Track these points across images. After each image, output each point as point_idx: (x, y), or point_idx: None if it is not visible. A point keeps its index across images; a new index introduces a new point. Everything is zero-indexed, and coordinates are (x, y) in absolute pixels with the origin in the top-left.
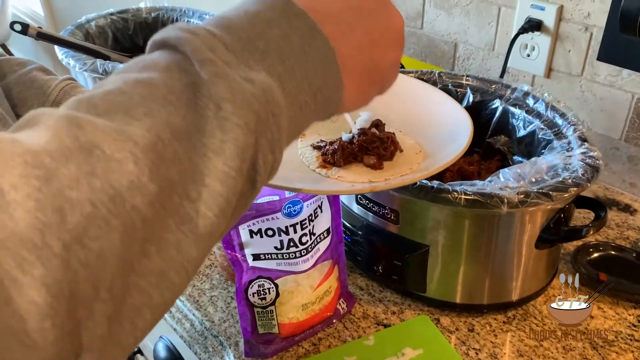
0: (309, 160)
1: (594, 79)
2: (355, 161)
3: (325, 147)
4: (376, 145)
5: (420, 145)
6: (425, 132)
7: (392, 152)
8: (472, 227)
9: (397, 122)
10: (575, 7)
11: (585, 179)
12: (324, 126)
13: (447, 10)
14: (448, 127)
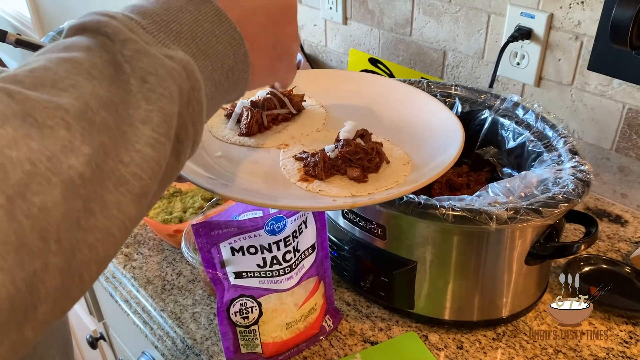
0: (290, 173)
1: (585, 89)
2: (338, 173)
3: (308, 159)
4: (360, 156)
5: (408, 156)
6: (415, 142)
7: (377, 164)
8: (461, 243)
9: (386, 131)
10: (565, 15)
11: (576, 194)
12: (309, 136)
13: (436, 18)
14: (439, 137)
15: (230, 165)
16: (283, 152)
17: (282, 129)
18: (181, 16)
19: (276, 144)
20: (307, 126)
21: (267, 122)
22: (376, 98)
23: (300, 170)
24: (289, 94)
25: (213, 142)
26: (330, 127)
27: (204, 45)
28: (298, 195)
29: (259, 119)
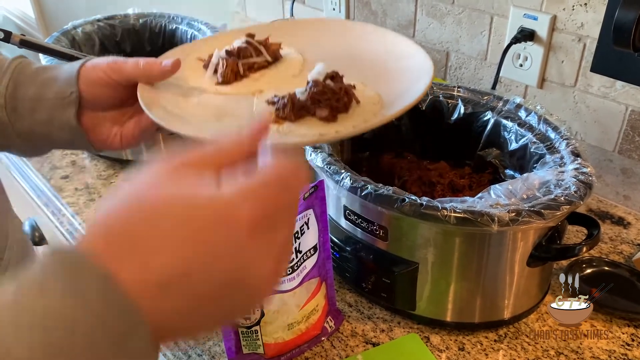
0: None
1: (588, 90)
2: (308, 115)
3: (278, 102)
4: (328, 97)
5: (379, 96)
6: (388, 83)
7: (345, 104)
8: (462, 245)
9: (360, 74)
10: (568, 17)
11: (578, 196)
12: (285, 82)
13: (439, 19)
14: (411, 76)
15: (205, 112)
16: (257, 98)
17: (259, 77)
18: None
19: (251, 91)
20: (284, 73)
21: (243, 70)
22: (353, 43)
23: (272, 114)
24: (265, 42)
25: (191, 92)
26: (306, 73)
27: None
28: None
29: (234, 68)
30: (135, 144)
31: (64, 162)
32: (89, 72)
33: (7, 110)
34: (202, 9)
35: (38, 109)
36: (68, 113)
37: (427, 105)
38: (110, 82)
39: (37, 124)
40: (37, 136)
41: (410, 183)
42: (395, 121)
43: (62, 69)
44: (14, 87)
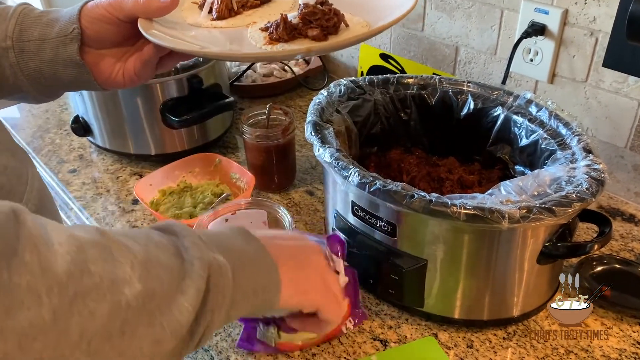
0: (256, 41)
1: (599, 86)
2: (300, 36)
3: (271, 26)
4: (318, 17)
5: (367, 22)
6: (374, 13)
7: (335, 24)
8: (472, 242)
9: (348, 8)
10: (580, 11)
11: (589, 193)
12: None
13: (448, 13)
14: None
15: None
16: (251, 27)
17: (251, 13)
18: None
19: (245, 23)
20: (275, 10)
21: (236, 7)
22: None
23: (265, 38)
24: None
25: (188, 27)
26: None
27: (244, 263)
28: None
29: (228, 4)
30: (137, 80)
31: (72, 156)
32: (91, 10)
33: (15, 52)
34: None
35: (43, 48)
36: (70, 49)
37: (436, 100)
38: (111, 18)
39: (44, 63)
40: (44, 75)
41: (419, 179)
42: (404, 116)
43: (64, 11)
44: (20, 31)
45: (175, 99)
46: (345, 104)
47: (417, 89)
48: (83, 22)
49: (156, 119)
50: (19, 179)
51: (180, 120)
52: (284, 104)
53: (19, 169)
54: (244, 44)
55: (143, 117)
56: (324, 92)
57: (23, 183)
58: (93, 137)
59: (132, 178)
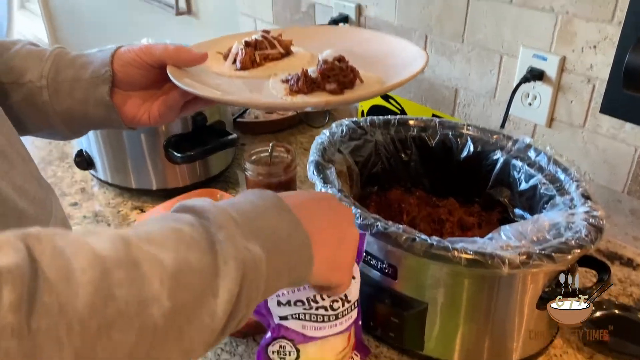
0: (277, 91)
1: (597, 131)
2: (319, 89)
3: (292, 79)
4: (336, 72)
5: (381, 78)
6: (387, 71)
7: (351, 80)
8: (472, 286)
9: (362, 64)
10: (577, 58)
11: (589, 240)
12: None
13: (448, 57)
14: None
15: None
16: (272, 79)
17: (272, 65)
18: (265, 216)
19: (267, 75)
20: (295, 63)
21: (259, 59)
22: (356, 43)
23: (286, 89)
24: (279, 38)
25: (213, 76)
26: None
27: (278, 244)
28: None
29: (252, 56)
30: (161, 121)
31: (74, 189)
32: (122, 54)
33: (49, 91)
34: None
35: (76, 89)
36: (102, 90)
37: (437, 142)
38: (141, 63)
39: (75, 102)
40: (75, 114)
41: (420, 219)
42: (405, 157)
43: (97, 54)
44: (55, 71)
45: (178, 135)
46: (347, 144)
47: (417, 131)
48: (115, 66)
49: (159, 154)
50: (44, 208)
51: (184, 157)
52: (285, 140)
53: (45, 198)
54: (265, 93)
55: (146, 153)
56: (326, 132)
57: (48, 212)
58: (95, 170)
59: (133, 212)
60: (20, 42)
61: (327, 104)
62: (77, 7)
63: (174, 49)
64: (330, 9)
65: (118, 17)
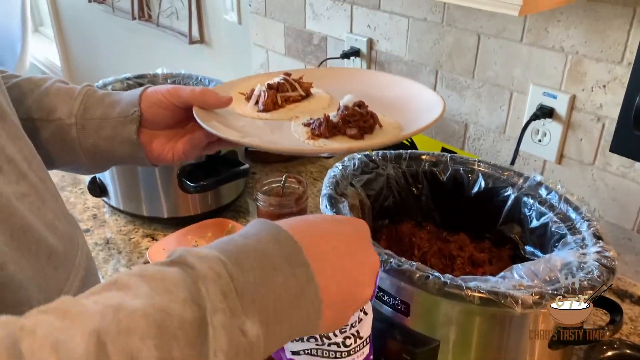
0: (299, 134)
1: (606, 169)
2: (339, 134)
3: (313, 123)
4: (357, 118)
5: (398, 122)
6: (405, 116)
7: (371, 125)
8: (484, 325)
9: (381, 108)
10: (587, 97)
11: (601, 281)
12: (317, 112)
13: (458, 92)
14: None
15: (251, 129)
16: (294, 121)
17: (293, 107)
18: (274, 279)
19: (288, 117)
20: (315, 106)
21: (281, 101)
22: (373, 86)
23: (307, 132)
24: (299, 80)
25: (237, 117)
26: (334, 107)
27: (282, 314)
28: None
29: (274, 99)
30: (184, 159)
31: (85, 216)
32: (151, 95)
33: (77, 128)
34: (229, 70)
35: (103, 127)
36: (129, 129)
37: (448, 177)
38: (167, 104)
39: (102, 139)
40: (100, 150)
41: (431, 255)
42: (416, 191)
43: (125, 94)
44: (84, 109)
45: (192, 165)
46: (359, 178)
47: (428, 165)
48: (143, 106)
49: (172, 183)
50: (72, 244)
51: (197, 186)
52: (295, 170)
53: (72, 234)
54: (288, 136)
55: (159, 181)
56: (338, 165)
57: (75, 248)
58: (108, 197)
59: (144, 240)
60: (50, 79)
61: (350, 150)
62: (91, 32)
63: (201, 92)
64: (342, 42)
65: (131, 43)
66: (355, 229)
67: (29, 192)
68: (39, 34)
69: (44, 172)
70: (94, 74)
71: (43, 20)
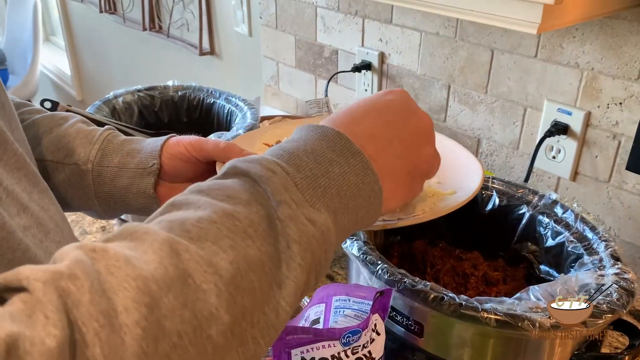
0: None
1: (622, 187)
2: None
3: None
4: None
5: (432, 190)
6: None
7: None
8: (499, 347)
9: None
10: (603, 114)
11: (620, 304)
12: None
13: (471, 107)
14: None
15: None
16: None
17: None
18: (331, 170)
19: None
20: None
21: None
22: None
23: None
24: None
25: None
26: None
27: (346, 200)
28: None
29: None
30: None
31: (94, 228)
32: (172, 147)
33: (93, 175)
34: (239, 84)
35: (120, 176)
36: (146, 182)
37: None
38: (190, 157)
39: (117, 189)
40: (114, 199)
41: (444, 273)
42: None
43: (146, 142)
44: (101, 156)
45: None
46: None
47: None
48: (163, 158)
49: None
50: None
51: None
52: None
53: None
54: None
55: None
56: None
57: None
58: None
59: None
60: (70, 118)
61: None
62: (102, 42)
63: (225, 148)
64: (353, 55)
65: (141, 53)
66: (396, 97)
67: (31, 224)
68: (50, 44)
69: (46, 200)
70: (104, 83)
71: (54, 29)
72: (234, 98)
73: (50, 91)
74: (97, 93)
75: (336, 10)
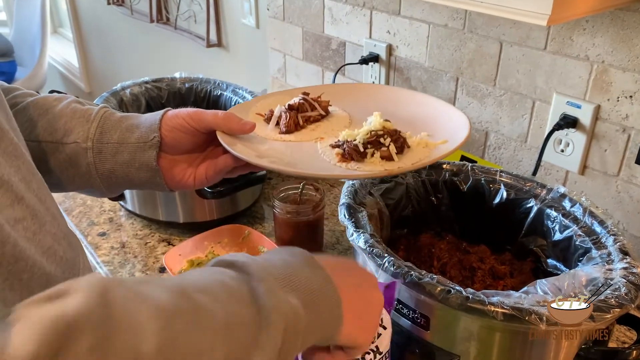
0: (329, 158)
1: (631, 181)
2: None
3: (343, 145)
4: (395, 137)
5: (426, 141)
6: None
7: (402, 145)
8: (505, 341)
9: (403, 125)
10: (612, 108)
11: (628, 299)
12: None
13: (479, 99)
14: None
15: (277, 153)
16: (320, 143)
17: (315, 127)
18: (300, 274)
19: (313, 138)
20: (336, 124)
21: (302, 122)
22: (390, 101)
23: (337, 155)
24: (318, 99)
25: (260, 139)
26: (355, 125)
27: (314, 299)
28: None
29: (295, 119)
30: (206, 184)
31: (102, 219)
32: (171, 119)
33: (94, 152)
34: (245, 76)
35: (121, 152)
36: (148, 155)
37: (469, 187)
38: (189, 128)
39: (119, 164)
40: (116, 175)
41: (450, 266)
42: (435, 201)
43: (144, 117)
44: (100, 133)
45: None
46: (378, 187)
47: (449, 175)
48: (163, 130)
49: None
50: (72, 268)
51: (214, 192)
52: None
53: (73, 258)
54: (317, 160)
55: None
56: None
57: (75, 273)
58: (124, 201)
59: (160, 244)
60: (66, 98)
61: (387, 173)
62: (109, 34)
63: (224, 117)
64: (360, 47)
65: (148, 45)
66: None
67: (25, 215)
68: (58, 35)
69: (44, 191)
70: (112, 75)
71: (62, 21)
72: (241, 90)
73: (58, 83)
74: (104, 85)
75: (344, 2)
